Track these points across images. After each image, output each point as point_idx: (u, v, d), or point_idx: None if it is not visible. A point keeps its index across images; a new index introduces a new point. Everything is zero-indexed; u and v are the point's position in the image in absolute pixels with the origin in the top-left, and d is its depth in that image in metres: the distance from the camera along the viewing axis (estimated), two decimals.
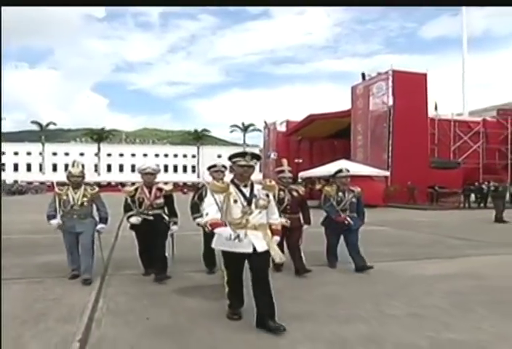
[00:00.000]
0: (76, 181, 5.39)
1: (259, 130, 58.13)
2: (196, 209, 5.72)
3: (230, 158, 3.80)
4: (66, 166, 67.40)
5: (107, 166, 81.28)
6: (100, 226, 5.46)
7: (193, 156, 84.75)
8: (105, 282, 5.24)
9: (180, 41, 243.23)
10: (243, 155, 3.73)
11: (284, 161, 5.87)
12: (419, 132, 25.96)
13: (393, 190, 23.52)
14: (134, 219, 5.36)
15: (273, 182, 4.03)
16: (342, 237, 6.24)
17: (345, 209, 6.17)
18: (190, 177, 77.11)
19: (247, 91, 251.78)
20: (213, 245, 3.83)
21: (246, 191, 3.74)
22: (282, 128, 41.48)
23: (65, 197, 5.32)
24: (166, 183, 5.80)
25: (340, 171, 6.31)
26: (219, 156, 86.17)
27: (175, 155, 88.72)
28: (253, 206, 3.68)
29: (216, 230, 3.57)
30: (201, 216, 5.08)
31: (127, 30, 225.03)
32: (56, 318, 3.70)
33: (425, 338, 3.30)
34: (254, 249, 3.57)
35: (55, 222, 5.27)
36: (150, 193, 5.47)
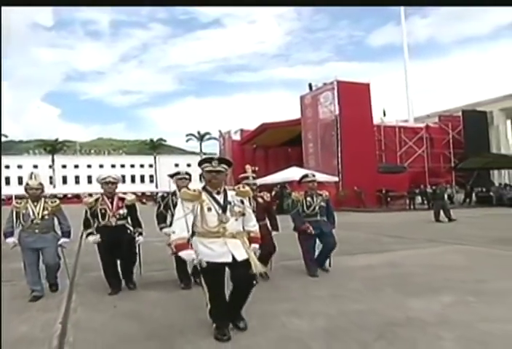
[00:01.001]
0: (34, 193, 5.19)
1: (215, 138, 58.84)
2: (161, 218, 5.64)
3: (199, 164, 3.72)
4: (20, 179, 65.59)
5: (62, 177, 79.84)
6: (62, 240, 5.32)
7: (150, 166, 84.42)
8: (74, 282, 5.84)
9: (131, 49, 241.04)
10: (209, 160, 3.66)
11: (248, 167, 5.77)
12: (366, 139, 27.38)
13: (344, 195, 24.77)
14: (92, 239, 5.22)
15: (247, 188, 4.00)
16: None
17: (315, 213, 6.21)
18: (148, 187, 76.83)
19: (201, 99, 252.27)
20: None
21: (220, 198, 3.66)
22: (237, 137, 42.59)
23: (24, 210, 5.11)
24: (124, 193, 5.61)
25: (306, 176, 6.36)
26: (176, 165, 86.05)
27: (132, 166, 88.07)
28: (228, 213, 3.61)
29: (180, 253, 3.51)
30: (168, 226, 5.28)
31: (77, 38, 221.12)
32: (37, 309, 4.44)
33: (336, 309, 4.25)
34: (234, 258, 3.49)
35: (11, 240, 5.09)
36: (112, 203, 5.33)
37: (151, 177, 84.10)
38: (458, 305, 4.35)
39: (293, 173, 21.84)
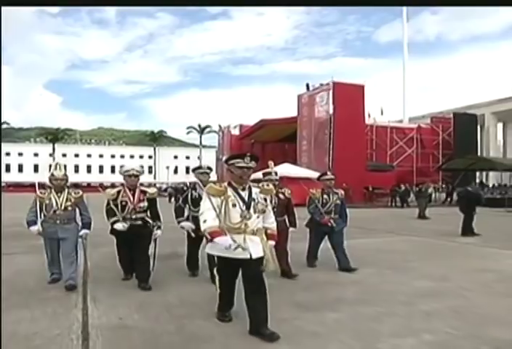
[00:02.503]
0: (59, 184, 5.19)
1: (215, 132, 60.13)
2: (180, 212, 5.64)
3: (228, 160, 3.73)
4: (20, 166, 66.33)
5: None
6: (83, 231, 5.29)
7: (150, 157, 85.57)
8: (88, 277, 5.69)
9: (137, 39, 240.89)
10: (242, 156, 3.67)
11: (271, 163, 5.72)
12: (357, 138, 28.63)
13: None
14: (120, 226, 5.15)
15: (271, 186, 4.09)
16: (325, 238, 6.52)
17: (330, 210, 6.33)
18: (147, 178, 77.91)
19: (205, 91, 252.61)
20: (207, 250, 3.78)
21: (245, 195, 3.67)
22: (236, 131, 43.85)
23: (47, 201, 5.11)
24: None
25: (325, 174, 6.51)
26: (175, 157, 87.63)
27: (131, 156, 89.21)
28: (252, 210, 3.62)
29: (216, 240, 3.51)
30: (186, 220, 5.58)
31: (82, 26, 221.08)
32: (58, 289, 4.97)
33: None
34: (250, 255, 3.53)
35: (35, 228, 5.11)
36: (133, 196, 5.29)
37: (150, 168, 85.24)
38: (374, 274, 5.90)
39: (284, 169, 23.14)
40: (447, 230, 11.36)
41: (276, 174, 5.69)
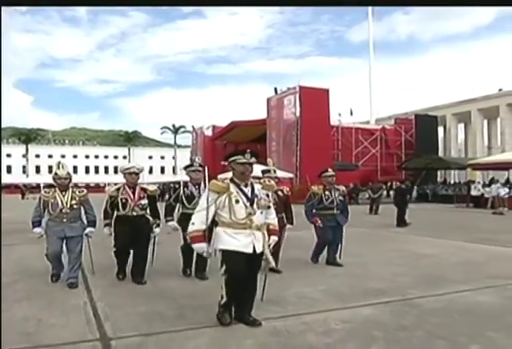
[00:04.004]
0: (63, 183, 5.22)
1: (189, 132, 61.14)
2: (169, 210, 5.66)
3: (229, 157, 3.77)
4: None
5: (35, 167, 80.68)
6: (88, 230, 5.32)
7: (124, 157, 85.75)
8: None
9: (109, 38, 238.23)
10: (243, 153, 3.72)
11: (270, 161, 5.71)
12: (323, 139, 30.25)
13: (298, 190, 27.72)
14: (107, 231, 5.37)
15: (272, 182, 4.18)
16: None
17: (333, 206, 6.41)
18: (121, 178, 77.77)
19: (179, 90, 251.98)
20: (215, 246, 3.72)
21: (248, 191, 3.71)
22: (209, 132, 45.11)
23: (52, 200, 5.15)
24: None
25: (326, 171, 6.52)
26: (150, 157, 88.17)
27: (106, 157, 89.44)
28: (255, 206, 3.67)
29: (193, 245, 3.69)
30: (173, 220, 5.61)
31: (53, 24, 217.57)
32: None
33: None
34: (254, 250, 3.61)
35: (38, 230, 5.20)
36: (133, 193, 5.36)
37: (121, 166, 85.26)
38: (299, 256, 6.93)
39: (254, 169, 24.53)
40: (387, 222, 12.94)
41: (274, 171, 5.74)
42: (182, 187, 5.69)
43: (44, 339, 3.43)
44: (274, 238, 3.85)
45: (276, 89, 32.56)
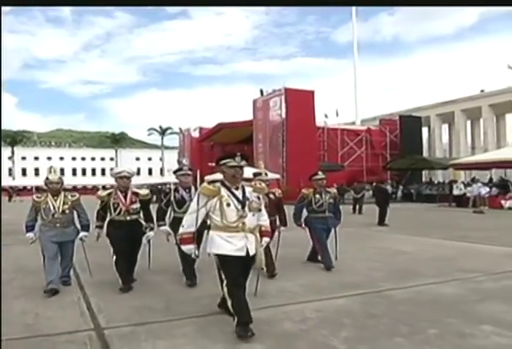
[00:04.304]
0: (54, 188, 5.22)
1: (176, 133, 61.18)
2: (161, 215, 5.63)
3: (219, 160, 3.79)
4: None
5: (22, 169, 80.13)
6: (82, 234, 5.32)
7: (111, 159, 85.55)
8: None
9: (94, 38, 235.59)
10: (233, 156, 3.74)
11: (261, 164, 5.76)
12: (309, 140, 30.65)
13: (286, 190, 28.10)
14: (96, 233, 5.32)
15: (264, 185, 4.19)
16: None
17: (323, 209, 6.41)
18: (109, 180, 77.71)
19: (165, 91, 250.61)
20: (207, 250, 3.73)
21: (239, 194, 3.72)
22: (196, 134, 45.32)
23: (44, 205, 5.14)
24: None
25: (316, 174, 6.57)
26: (137, 159, 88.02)
27: (93, 159, 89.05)
28: (246, 209, 3.68)
29: (182, 247, 3.80)
30: (165, 224, 5.55)
31: (37, 25, 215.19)
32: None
33: None
34: (247, 253, 3.63)
35: (30, 235, 5.18)
36: (125, 197, 5.31)
37: (112, 170, 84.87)
38: (298, 250, 7.28)
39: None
40: (370, 222, 13.36)
41: (266, 174, 5.79)
42: (172, 192, 5.66)
43: (42, 329, 3.74)
44: (266, 240, 3.92)
45: (261, 91, 32.95)
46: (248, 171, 4.76)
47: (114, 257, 5.31)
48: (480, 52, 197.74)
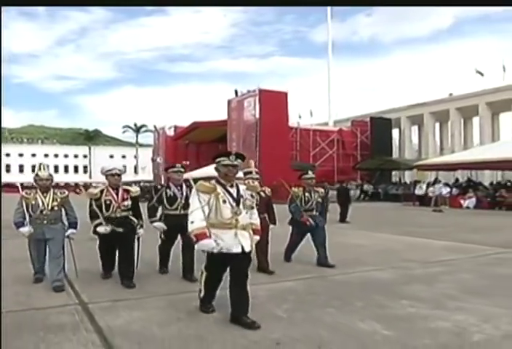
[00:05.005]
0: (44, 184, 5.25)
1: (151, 131, 61.41)
2: (153, 211, 5.70)
3: (215, 158, 3.86)
4: None
5: None
6: (70, 231, 5.37)
7: (85, 156, 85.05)
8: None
9: (68, 33, 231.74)
10: (227, 155, 3.81)
11: (251, 162, 5.85)
12: (282, 140, 31.51)
13: (275, 187, 28.81)
14: (103, 229, 5.25)
15: (256, 183, 4.38)
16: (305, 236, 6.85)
17: (312, 208, 6.61)
18: (81, 178, 77.63)
19: (141, 88, 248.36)
20: (200, 248, 3.77)
21: (233, 191, 3.81)
22: (171, 132, 45.72)
23: (33, 201, 5.15)
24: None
25: (306, 173, 6.74)
26: (111, 156, 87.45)
27: (66, 156, 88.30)
28: (241, 206, 3.77)
29: (200, 242, 3.65)
30: (158, 220, 5.68)
31: (9, 18, 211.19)
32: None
33: None
34: (242, 249, 3.72)
35: (26, 230, 5.10)
36: (117, 194, 5.38)
37: (85, 167, 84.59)
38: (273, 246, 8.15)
39: (209, 170, 25.44)
40: (334, 219, 14.22)
41: (256, 172, 5.85)
42: (164, 189, 5.77)
43: (35, 305, 4.44)
44: (256, 238, 3.97)
45: (236, 91, 33.69)
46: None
47: (99, 252, 5.66)
48: (452, 55, 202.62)
